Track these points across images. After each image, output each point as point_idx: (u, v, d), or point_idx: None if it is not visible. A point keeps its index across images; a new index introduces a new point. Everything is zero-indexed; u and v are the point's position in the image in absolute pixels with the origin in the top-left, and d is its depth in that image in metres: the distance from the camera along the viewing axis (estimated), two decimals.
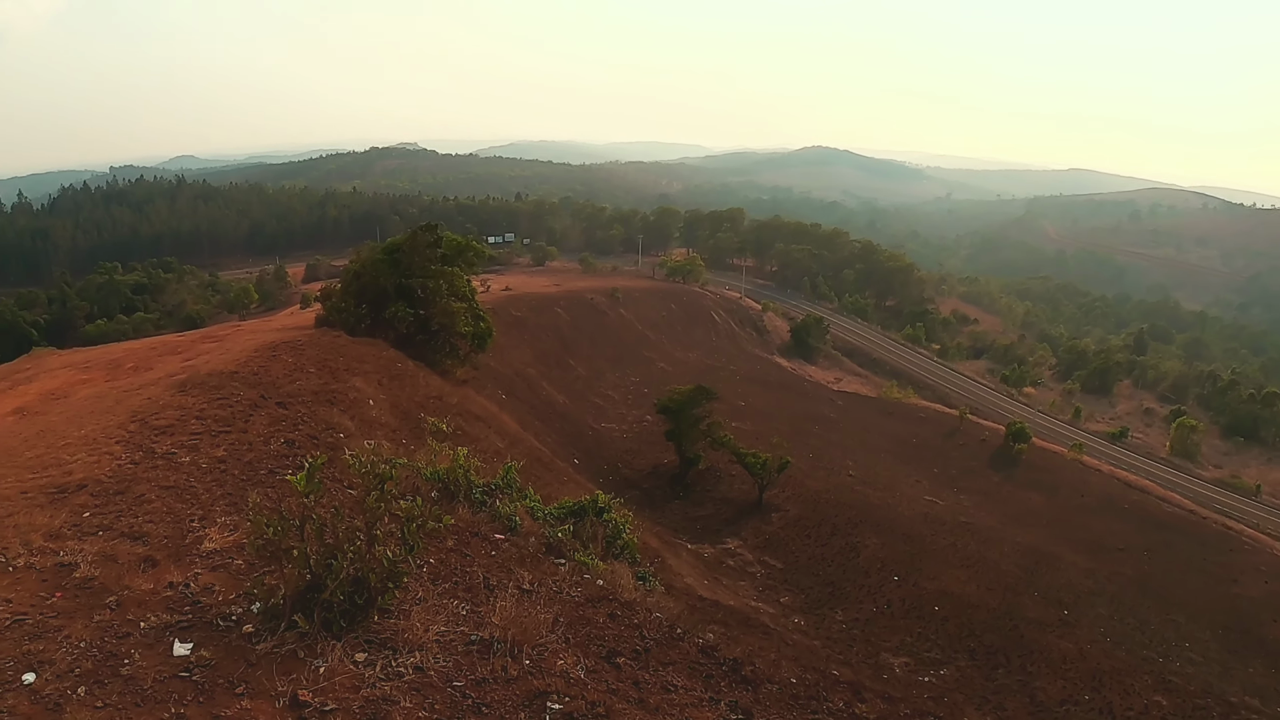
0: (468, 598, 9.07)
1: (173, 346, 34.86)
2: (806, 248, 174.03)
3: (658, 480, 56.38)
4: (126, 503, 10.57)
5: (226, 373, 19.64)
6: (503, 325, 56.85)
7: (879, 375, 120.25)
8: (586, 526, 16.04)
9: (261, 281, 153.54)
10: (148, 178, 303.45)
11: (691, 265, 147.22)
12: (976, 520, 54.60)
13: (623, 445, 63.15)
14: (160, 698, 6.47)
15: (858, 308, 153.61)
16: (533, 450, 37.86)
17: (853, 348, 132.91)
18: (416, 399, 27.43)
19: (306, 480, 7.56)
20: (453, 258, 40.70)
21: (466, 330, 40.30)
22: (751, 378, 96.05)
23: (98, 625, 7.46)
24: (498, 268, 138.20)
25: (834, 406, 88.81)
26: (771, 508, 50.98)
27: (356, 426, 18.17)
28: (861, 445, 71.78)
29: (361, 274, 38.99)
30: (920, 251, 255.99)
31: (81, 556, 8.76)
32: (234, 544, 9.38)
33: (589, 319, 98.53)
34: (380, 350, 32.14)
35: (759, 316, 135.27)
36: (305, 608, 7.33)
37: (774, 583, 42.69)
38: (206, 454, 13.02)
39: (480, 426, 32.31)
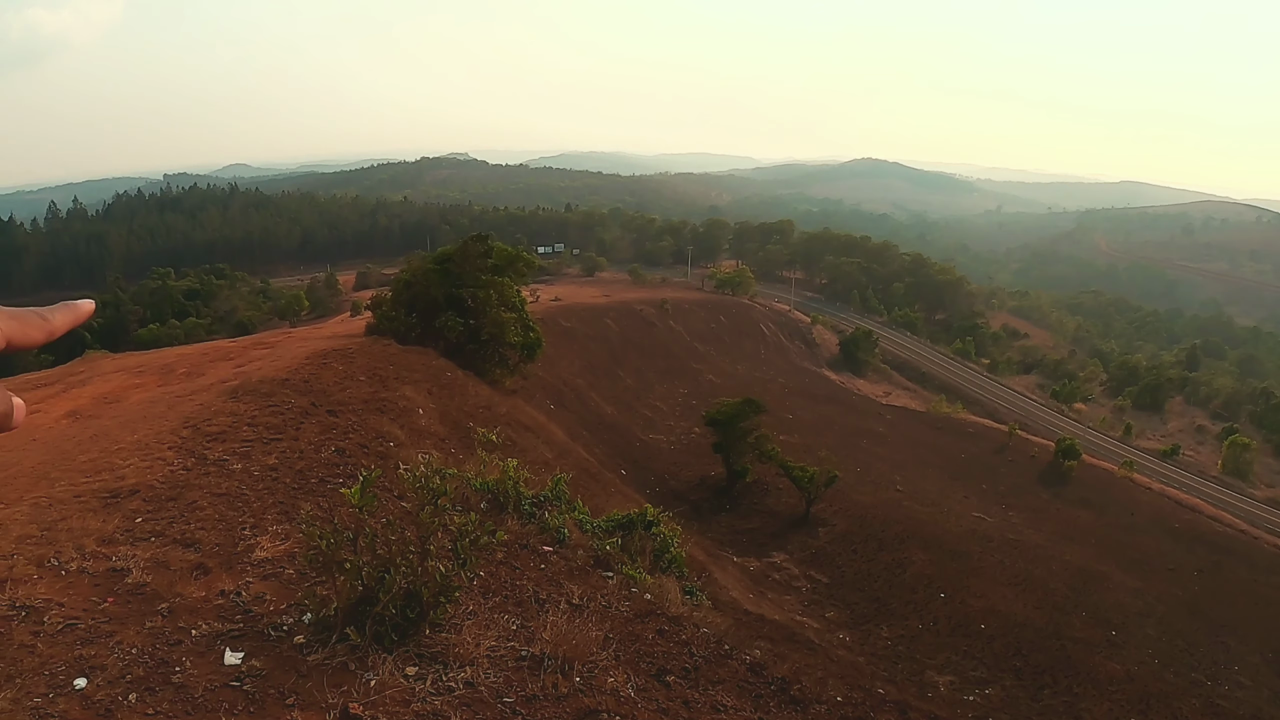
0: (518, 612, 9.02)
1: (224, 352, 35.08)
2: (856, 260, 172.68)
3: (705, 492, 56.14)
4: (179, 509, 10.60)
5: (278, 380, 19.71)
6: (552, 336, 56.82)
7: (928, 389, 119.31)
8: (635, 539, 15.94)
9: (312, 289, 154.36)
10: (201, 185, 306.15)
11: (741, 277, 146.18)
12: (1025, 538, 54.05)
13: (670, 457, 63.00)
14: (211, 706, 6.47)
15: (907, 321, 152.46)
16: (581, 461, 37.83)
17: (902, 361, 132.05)
18: (466, 408, 27.48)
19: (360, 493, 7.54)
20: (503, 268, 40.77)
21: (516, 340, 40.36)
22: (800, 391, 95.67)
23: (149, 632, 7.48)
24: (547, 278, 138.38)
25: (883, 421, 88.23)
26: (818, 522, 50.66)
27: (406, 435, 18.18)
28: (910, 460, 71.28)
29: (412, 283, 39.15)
30: (970, 265, 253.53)
31: (134, 562, 8.79)
32: (285, 553, 9.38)
33: (638, 330, 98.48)
34: (430, 359, 32.22)
35: (808, 329, 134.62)
36: (357, 620, 7.31)
37: (820, 598, 42.41)
38: (258, 461, 13.05)
39: (529, 437, 32.35)
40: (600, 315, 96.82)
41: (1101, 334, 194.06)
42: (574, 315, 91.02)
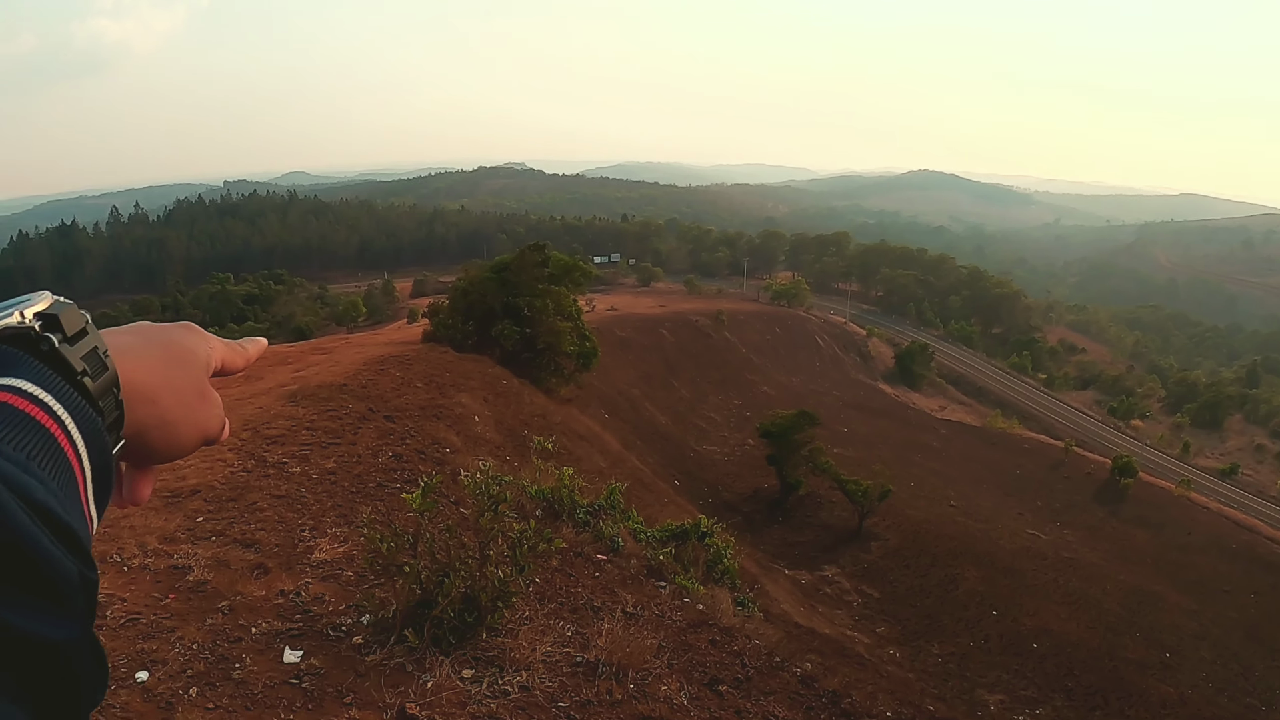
0: (573, 619, 9.05)
1: (282, 357, 35.28)
2: (912, 273, 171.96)
3: (757, 504, 55.96)
4: (239, 510, 10.72)
5: (336, 385, 19.85)
6: (608, 345, 56.95)
7: (984, 404, 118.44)
8: (688, 550, 15.92)
9: (370, 296, 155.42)
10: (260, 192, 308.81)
11: (796, 289, 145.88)
12: (1079, 556, 53.43)
13: (724, 468, 62.86)
14: (270, 703, 6.57)
15: (963, 335, 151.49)
16: (635, 470, 37.79)
17: (958, 375, 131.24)
18: (521, 416, 27.57)
19: (421, 498, 7.61)
20: (560, 277, 40.91)
21: (572, 349, 40.45)
22: (855, 404, 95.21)
23: (210, 628, 7.59)
24: (603, 288, 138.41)
25: (937, 435, 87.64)
26: (871, 536, 50.36)
27: (462, 442, 18.26)
28: (964, 475, 70.72)
29: (469, 291, 39.33)
30: (1027, 278, 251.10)
31: (195, 560, 8.90)
32: (344, 555, 9.46)
33: (693, 341, 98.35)
34: (486, 367, 32.36)
35: (863, 342, 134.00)
36: (415, 623, 7.38)
37: (870, 612, 42.17)
38: (317, 465, 13.16)
39: (584, 445, 32.41)
40: (656, 325, 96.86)
41: (1160, 349, 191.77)
42: (629, 325, 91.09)
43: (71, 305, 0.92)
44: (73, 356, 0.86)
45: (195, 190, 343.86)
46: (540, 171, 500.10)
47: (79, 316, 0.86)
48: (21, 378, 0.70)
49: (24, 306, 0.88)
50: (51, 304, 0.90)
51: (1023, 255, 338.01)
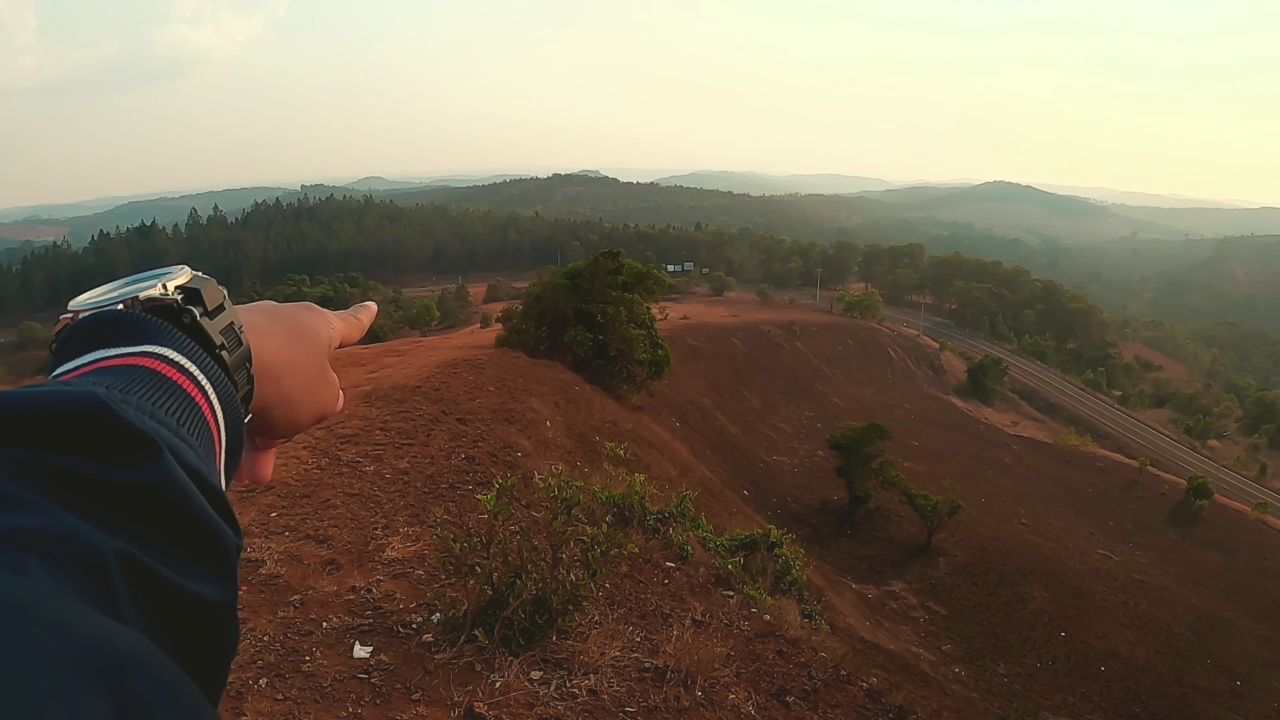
0: (642, 624, 9.03)
1: (356, 358, 35.62)
2: (986, 286, 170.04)
3: (825, 516, 55.60)
4: (312, 506, 10.84)
5: (409, 387, 20.01)
6: (679, 353, 56.90)
7: (1057, 421, 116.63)
8: (757, 560, 15.85)
9: (443, 300, 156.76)
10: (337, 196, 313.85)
11: (869, 300, 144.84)
12: (1150, 578, 52.42)
13: (792, 479, 62.58)
14: (338, 696, 6.63)
15: (1037, 349, 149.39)
16: (704, 479, 37.73)
17: (1031, 391, 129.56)
18: (592, 422, 27.60)
19: (495, 499, 7.63)
20: (633, 285, 40.90)
21: (644, 357, 40.44)
22: (926, 417, 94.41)
23: (281, 621, 7.69)
24: (676, 296, 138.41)
25: (1009, 451, 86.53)
26: (939, 552, 49.86)
27: (533, 446, 18.30)
28: (1035, 493, 69.75)
29: (542, 297, 39.46)
30: (1103, 293, 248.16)
31: (268, 554, 9.02)
32: (416, 554, 9.52)
33: (764, 351, 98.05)
34: (558, 373, 32.45)
35: (936, 355, 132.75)
36: (486, 623, 7.38)
37: (936, 629, 41.72)
38: (390, 464, 13.27)
39: (653, 453, 32.36)
40: (728, 335, 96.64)
41: (1237, 368, 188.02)
42: (701, 334, 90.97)
43: (211, 280, 0.95)
44: (213, 330, 0.88)
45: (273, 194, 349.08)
46: (614, 179, 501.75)
47: (218, 292, 0.94)
48: (168, 346, 0.76)
49: (166, 279, 0.92)
50: (192, 278, 0.94)
51: (1098, 269, 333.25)
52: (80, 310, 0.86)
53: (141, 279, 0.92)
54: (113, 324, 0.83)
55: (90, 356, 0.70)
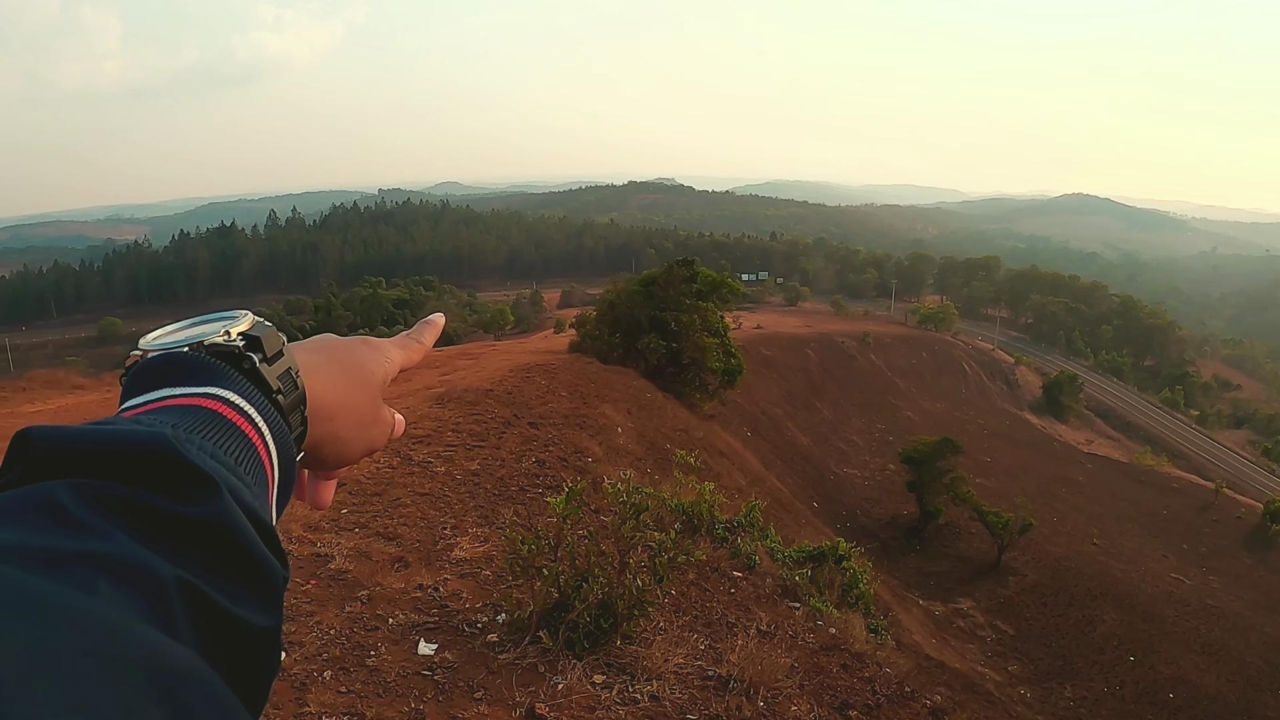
0: (707, 633, 8.98)
1: (430, 360, 35.84)
2: (1063, 300, 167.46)
3: (894, 531, 55.16)
4: (383, 504, 10.93)
5: (482, 389, 20.11)
6: (752, 363, 56.71)
7: (1132, 440, 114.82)
8: (824, 572, 15.75)
9: (517, 304, 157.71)
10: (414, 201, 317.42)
11: (944, 313, 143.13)
12: (1223, 604, 51.21)
13: (862, 492, 62.19)
14: (401, 691, 6.68)
15: (1114, 366, 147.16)
16: (773, 490, 37.61)
17: (1106, 408, 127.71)
18: (663, 430, 27.61)
19: (565, 503, 7.64)
20: (707, 293, 40.84)
21: (717, 366, 40.38)
22: (999, 433, 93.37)
23: (348, 616, 7.78)
24: (750, 305, 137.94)
25: (1083, 470, 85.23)
26: (1009, 570, 49.22)
27: (604, 452, 18.33)
28: (1108, 513, 68.59)
29: (616, 304, 39.55)
30: (1181, 309, 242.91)
31: (337, 550, 9.11)
32: (483, 555, 9.56)
33: (838, 362, 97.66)
34: (630, 379, 32.49)
35: (1011, 370, 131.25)
36: (551, 625, 7.39)
37: (1003, 649, 41.18)
38: (461, 465, 13.34)
39: (724, 462, 32.31)
40: (801, 345, 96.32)
41: None
42: (775, 344, 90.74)
43: (271, 328, 1.00)
44: (270, 375, 0.94)
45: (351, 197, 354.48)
46: (690, 187, 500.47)
47: (278, 339, 0.99)
48: (229, 389, 0.88)
49: (229, 325, 0.97)
50: (254, 325, 0.99)
51: (1177, 285, 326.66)
52: (149, 350, 0.94)
53: (206, 321, 0.99)
54: (180, 365, 0.90)
55: (157, 394, 0.85)
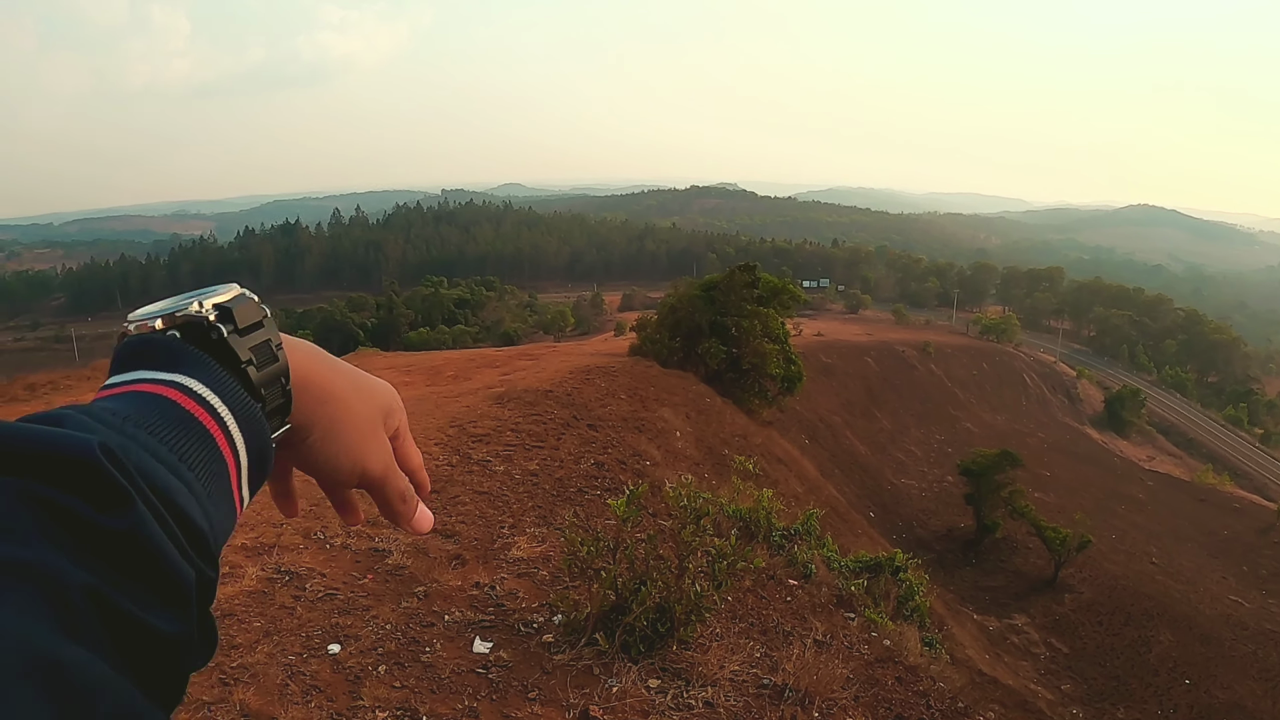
0: (763, 640, 8.92)
1: (490, 360, 36.08)
2: (1127, 313, 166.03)
3: (951, 544, 54.69)
4: (441, 502, 10.99)
5: (541, 390, 20.13)
6: (812, 370, 56.44)
7: (1194, 457, 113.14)
8: (880, 583, 15.63)
9: (578, 306, 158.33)
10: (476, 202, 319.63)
11: (1006, 324, 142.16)
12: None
13: (919, 504, 61.77)
14: (455, 689, 6.71)
15: (1177, 382, 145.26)
16: (830, 499, 37.36)
17: (1168, 424, 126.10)
18: (721, 435, 27.51)
19: (625, 505, 7.62)
20: (768, 299, 40.64)
21: (777, 372, 40.15)
22: (1059, 447, 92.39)
23: (404, 611, 7.84)
24: (810, 312, 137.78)
25: (1143, 487, 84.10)
26: (1065, 587, 48.57)
27: (662, 456, 18.28)
28: (1168, 531, 67.58)
29: (677, 308, 39.44)
30: (1248, 324, 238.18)
31: (395, 545, 9.20)
32: (541, 555, 9.59)
33: (898, 371, 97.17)
34: (690, 384, 32.42)
35: (1072, 383, 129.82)
36: (607, 628, 7.39)
37: (1057, 667, 40.64)
38: (520, 465, 13.37)
39: (781, 469, 32.16)
40: (861, 353, 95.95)
41: None
42: (835, 351, 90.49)
43: (251, 299, 0.97)
44: (240, 347, 0.91)
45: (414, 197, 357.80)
46: (752, 193, 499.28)
47: (256, 310, 0.96)
48: (185, 373, 0.87)
49: (205, 296, 0.94)
50: (234, 297, 0.96)
51: (1243, 299, 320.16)
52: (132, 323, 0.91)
53: (191, 296, 0.95)
54: (153, 346, 0.88)
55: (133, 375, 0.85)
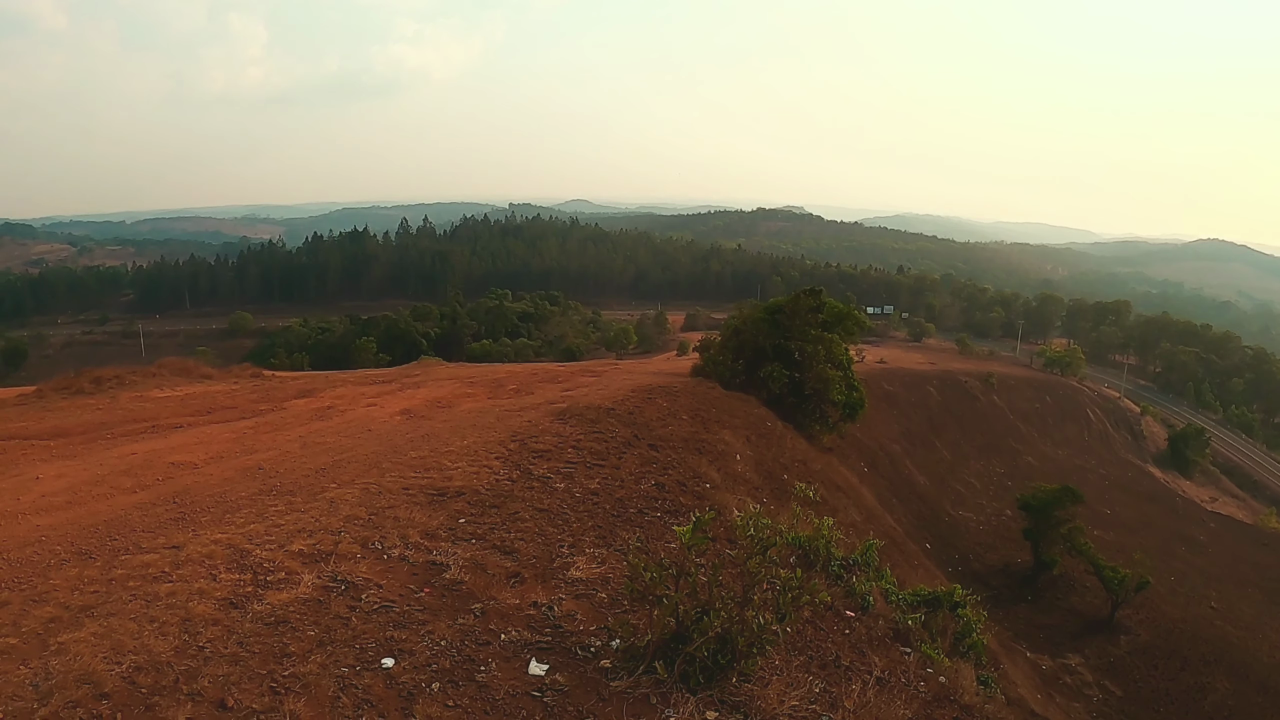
0: (822, 675, 8.78)
1: (552, 375, 36.12)
2: (1194, 350, 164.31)
3: (1007, 579, 54.06)
4: (500, 517, 10.98)
5: (603, 408, 20.08)
6: (873, 397, 56.09)
7: (1258, 500, 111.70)
8: (939, 618, 15.37)
9: (641, 324, 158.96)
10: (543, 216, 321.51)
11: (1071, 357, 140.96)
12: None
13: (977, 537, 61.16)
14: (509, 711, 6.63)
15: (1243, 421, 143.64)
16: (888, 529, 37.09)
17: (1233, 465, 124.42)
18: (781, 460, 27.32)
19: (692, 532, 7.49)
20: (832, 324, 40.42)
21: (839, 399, 39.89)
22: (1120, 484, 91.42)
23: (460, 628, 7.79)
24: (874, 339, 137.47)
25: (1205, 529, 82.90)
26: (1121, 629, 47.80)
27: (722, 479, 18.13)
28: (1229, 575, 66.42)
29: (741, 330, 39.28)
30: None
31: (453, 559, 9.21)
32: (599, 576, 9.50)
33: (960, 402, 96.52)
34: (751, 407, 32.25)
35: (1136, 419, 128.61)
36: (667, 656, 7.29)
37: (1109, 711, 39.84)
38: (580, 484, 13.32)
39: (840, 497, 31.93)
40: (923, 382, 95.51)
41: None
42: (897, 379, 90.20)
43: None
44: None
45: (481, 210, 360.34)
46: (818, 217, 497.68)
47: None
48: None
49: None
50: None
51: None
52: None
53: None
54: None
55: None
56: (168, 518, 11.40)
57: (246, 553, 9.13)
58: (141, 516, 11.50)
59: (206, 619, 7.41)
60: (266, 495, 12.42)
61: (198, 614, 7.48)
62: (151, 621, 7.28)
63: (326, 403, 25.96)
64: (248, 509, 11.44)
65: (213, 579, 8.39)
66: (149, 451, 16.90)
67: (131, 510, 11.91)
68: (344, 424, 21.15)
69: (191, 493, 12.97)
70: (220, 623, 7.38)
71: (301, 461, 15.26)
